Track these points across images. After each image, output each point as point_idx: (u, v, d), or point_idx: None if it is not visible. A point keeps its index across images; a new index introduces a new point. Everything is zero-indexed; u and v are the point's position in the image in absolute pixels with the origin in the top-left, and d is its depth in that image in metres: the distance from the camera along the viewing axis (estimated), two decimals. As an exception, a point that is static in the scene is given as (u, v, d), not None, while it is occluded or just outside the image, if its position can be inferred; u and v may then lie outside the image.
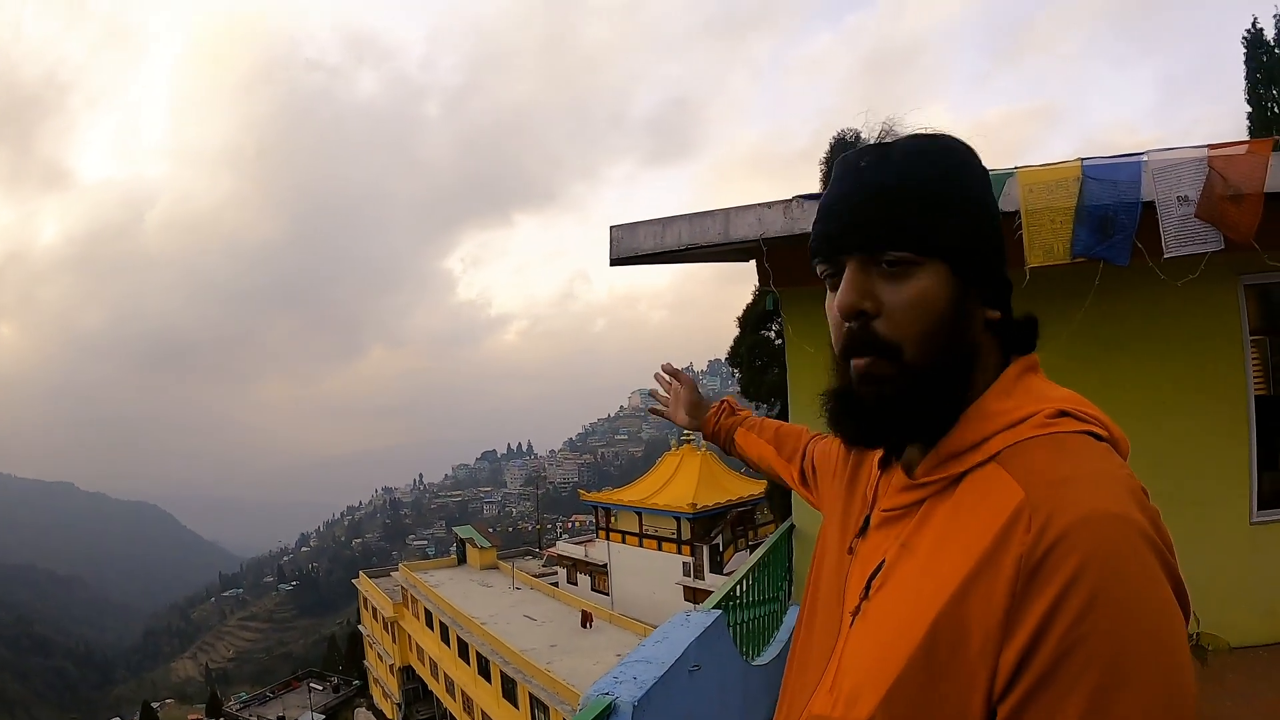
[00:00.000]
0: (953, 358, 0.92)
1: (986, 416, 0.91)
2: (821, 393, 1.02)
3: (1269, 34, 21.07)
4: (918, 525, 0.93)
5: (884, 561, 0.95)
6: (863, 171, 0.94)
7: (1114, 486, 0.80)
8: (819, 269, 1.00)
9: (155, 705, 71.87)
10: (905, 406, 0.92)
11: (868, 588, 0.96)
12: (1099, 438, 0.88)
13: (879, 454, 1.09)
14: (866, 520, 1.05)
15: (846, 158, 0.97)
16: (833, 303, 0.96)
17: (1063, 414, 0.88)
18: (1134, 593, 0.74)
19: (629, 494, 37.78)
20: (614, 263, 5.09)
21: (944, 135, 0.96)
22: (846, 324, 0.94)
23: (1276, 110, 20.40)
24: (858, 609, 0.97)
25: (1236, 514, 5.10)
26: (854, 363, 0.94)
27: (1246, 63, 21.46)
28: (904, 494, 0.97)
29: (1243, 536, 5.09)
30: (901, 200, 0.91)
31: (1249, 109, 21.47)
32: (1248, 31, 21.53)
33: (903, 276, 0.91)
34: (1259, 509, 5.10)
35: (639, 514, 35.71)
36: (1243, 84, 21.72)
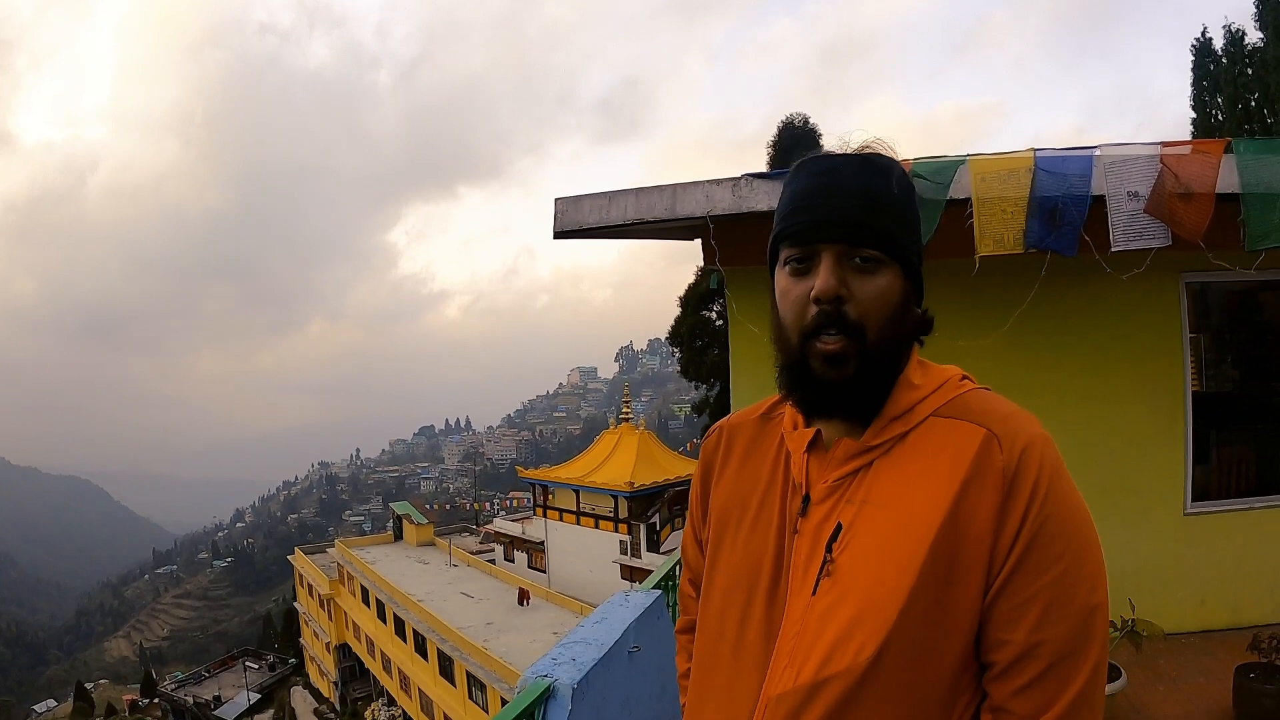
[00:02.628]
0: (900, 344, 1.13)
1: (913, 387, 1.13)
2: (778, 365, 1.17)
3: (1218, 44, 21.54)
4: (871, 483, 1.10)
5: (840, 525, 1.09)
6: (849, 174, 1.10)
7: (1034, 419, 1.08)
8: (788, 253, 1.13)
9: (89, 686, 69.91)
10: (862, 383, 1.10)
11: (829, 552, 1.08)
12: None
13: (800, 447, 1.19)
14: (805, 499, 1.15)
15: (825, 157, 1.14)
16: (795, 285, 1.11)
17: (964, 378, 1.17)
18: (1070, 488, 1.04)
19: (567, 471, 37.46)
20: (557, 235, 4.94)
21: (895, 160, 1.15)
22: (820, 306, 1.08)
23: (1220, 117, 20.90)
24: (821, 575, 1.08)
25: (1171, 505, 5.19)
26: (822, 343, 1.08)
27: (1194, 70, 21.96)
28: (853, 460, 1.12)
29: (1177, 527, 5.19)
30: (884, 208, 1.09)
31: (1193, 115, 21.98)
32: (1197, 40, 22.06)
33: (871, 272, 1.08)
34: (1193, 501, 5.20)
35: (576, 492, 35.47)
36: (1189, 91, 22.21)
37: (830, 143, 1.16)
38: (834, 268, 1.07)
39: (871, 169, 1.10)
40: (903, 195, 1.12)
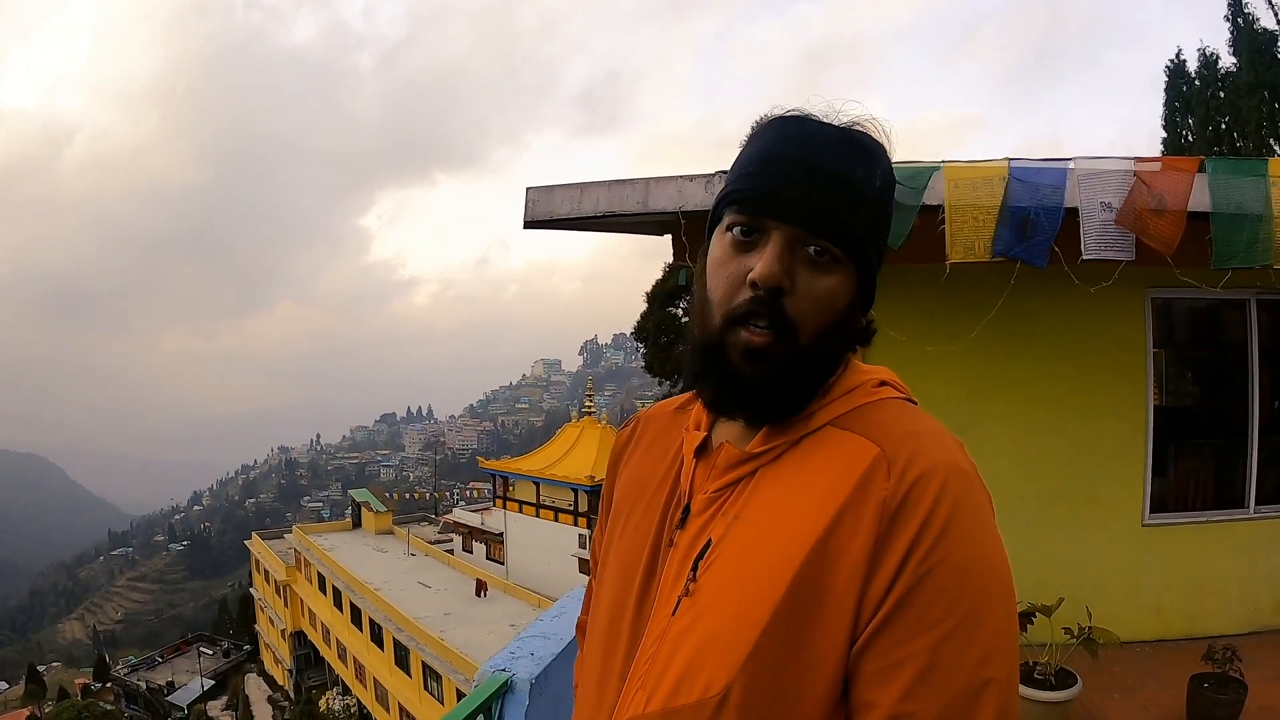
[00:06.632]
0: (834, 352, 0.97)
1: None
2: (691, 344, 0.99)
3: (1191, 66, 21.88)
4: (749, 497, 0.95)
5: (710, 541, 0.95)
6: (828, 149, 0.93)
7: (950, 441, 0.91)
8: (733, 219, 0.95)
9: (41, 669, 68.30)
10: (781, 385, 0.94)
11: (694, 571, 0.95)
12: (913, 403, 1.00)
13: (691, 449, 1.06)
14: (686, 510, 1.01)
15: (805, 121, 0.95)
16: (733, 259, 0.94)
17: (883, 384, 1.00)
18: (977, 527, 0.85)
19: (528, 463, 37.36)
20: (528, 225, 4.91)
21: (884, 148, 0.98)
22: (755, 291, 0.91)
23: (1191, 138, 21.23)
24: (684, 594, 0.95)
25: (1130, 515, 5.25)
26: (748, 331, 0.92)
27: (1166, 91, 22.27)
28: (734, 469, 0.98)
29: (1135, 537, 5.26)
30: (858, 200, 0.93)
31: (1164, 135, 22.33)
32: (1171, 61, 22.34)
33: (824, 268, 0.92)
34: (1151, 512, 5.26)
35: (537, 484, 35.39)
36: (1160, 112, 22.56)
37: (818, 108, 0.96)
38: (782, 252, 0.91)
39: (856, 151, 0.94)
40: (883, 191, 0.96)
